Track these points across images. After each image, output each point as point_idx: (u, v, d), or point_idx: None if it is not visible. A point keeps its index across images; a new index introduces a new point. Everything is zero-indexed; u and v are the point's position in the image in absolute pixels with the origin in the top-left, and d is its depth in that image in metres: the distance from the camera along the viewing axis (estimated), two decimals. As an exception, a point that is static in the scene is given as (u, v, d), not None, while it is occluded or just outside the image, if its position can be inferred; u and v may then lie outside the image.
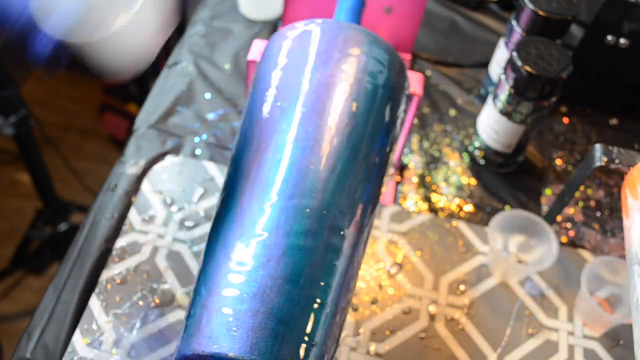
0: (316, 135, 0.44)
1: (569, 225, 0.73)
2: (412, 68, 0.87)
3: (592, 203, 0.75)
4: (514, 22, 0.75)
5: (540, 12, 0.71)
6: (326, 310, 0.40)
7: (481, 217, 0.73)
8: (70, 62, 0.36)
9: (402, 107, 0.51)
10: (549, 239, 0.64)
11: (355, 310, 0.63)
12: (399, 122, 0.50)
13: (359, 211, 0.44)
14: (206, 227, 0.68)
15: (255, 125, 0.46)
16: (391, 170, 0.75)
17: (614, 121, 0.85)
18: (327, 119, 0.45)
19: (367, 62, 0.48)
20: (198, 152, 0.75)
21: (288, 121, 0.45)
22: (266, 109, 0.46)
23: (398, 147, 0.73)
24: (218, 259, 0.41)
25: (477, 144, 0.76)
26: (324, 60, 0.47)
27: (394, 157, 0.75)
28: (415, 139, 0.79)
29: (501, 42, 0.79)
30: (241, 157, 0.45)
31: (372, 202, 0.46)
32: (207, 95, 0.81)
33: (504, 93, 0.69)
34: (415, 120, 0.81)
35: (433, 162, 0.77)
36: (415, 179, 0.75)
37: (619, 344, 0.63)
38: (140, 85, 1.62)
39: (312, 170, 0.42)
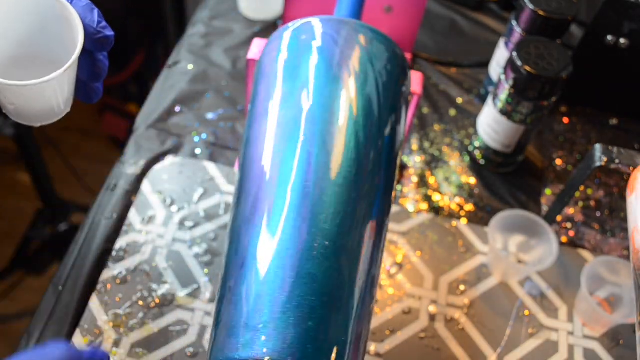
0: (324, 137, 0.44)
1: (569, 225, 0.73)
2: (412, 68, 0.87)
3: (592, 203, 0.75)
4: (514, 22, 0.75)
5: (540, 12, 0.71)
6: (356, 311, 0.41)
7: (481, 217, 0.73)
8: None
9: (405, 104, 0.51)
10: (549, 239, 0.64)
11: (355, 310, 0.63)
12: (403, 120, 0.50)
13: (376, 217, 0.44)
14: (206, 227, 0.68)
15: (259, 130, 0.46)
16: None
17: (614, 121, 0.85)
18: (332, 119, 0.44)
19: (369, 57, 0.48)
20: (198, 151, 0.75)
21: (293, 118, 0.45)
22: (271, 111, 0.46)
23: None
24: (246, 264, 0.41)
25: (477, 143, 0.76)
26: (325, 57, 0.47)
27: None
28: (415, 139, 0.79)
29: (501, 42, 0.79)
30: (250, 163, 0.45)
31: (386, 200, 0.46)
32: (207, 95, 0.81)
33: (504, 93, 0.69)
34: (415, 120, 0.81)
35: (433, 161, 0.77)
36: (415, 179, 0.75)
37: (619, 344, 0.63)
38: (140, 85, 1.62)
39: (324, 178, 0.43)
